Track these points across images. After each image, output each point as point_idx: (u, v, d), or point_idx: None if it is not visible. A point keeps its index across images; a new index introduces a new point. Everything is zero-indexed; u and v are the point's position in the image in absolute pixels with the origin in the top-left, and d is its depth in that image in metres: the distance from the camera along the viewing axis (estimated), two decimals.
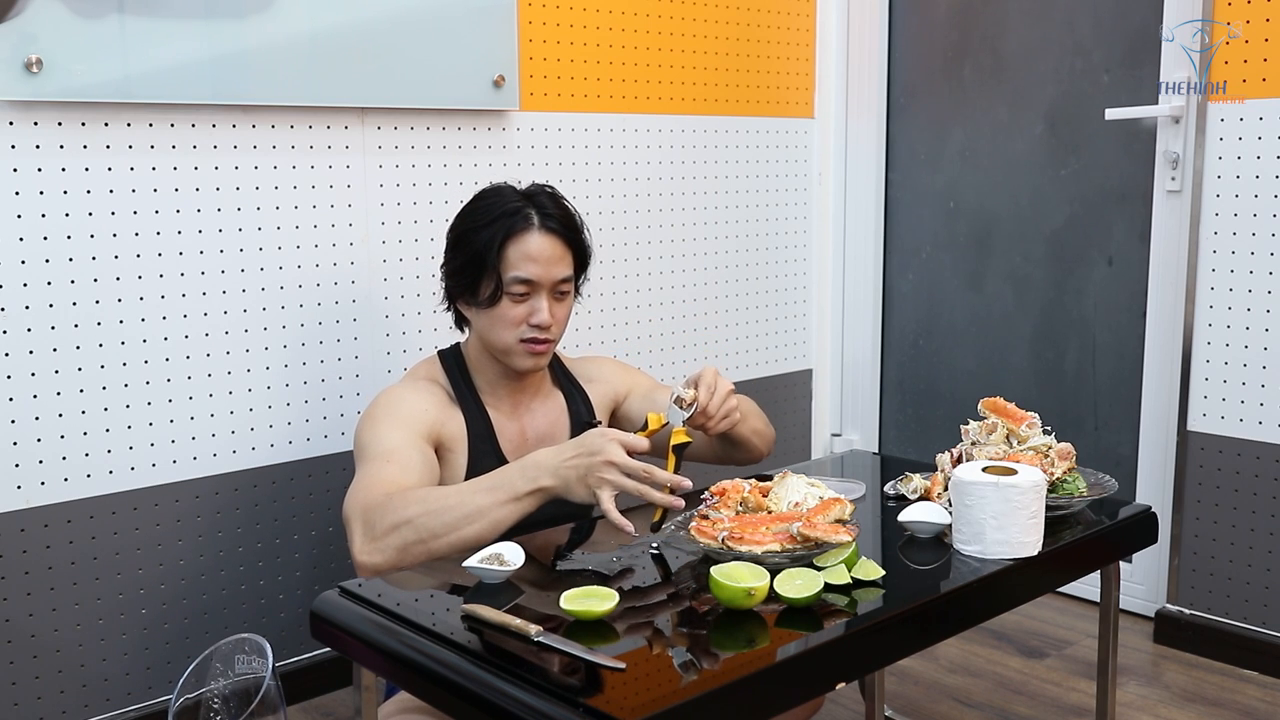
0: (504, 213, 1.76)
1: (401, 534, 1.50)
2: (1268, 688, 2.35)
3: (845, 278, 3.25)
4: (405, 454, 1.66)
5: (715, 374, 1.71)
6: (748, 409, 1.86)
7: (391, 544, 1.51)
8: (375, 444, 1.68)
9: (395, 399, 1.77)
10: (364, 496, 1.58)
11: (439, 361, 1.87)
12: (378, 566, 1.51)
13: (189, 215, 2.09)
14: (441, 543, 1.50)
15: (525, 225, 1.75)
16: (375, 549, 1.52)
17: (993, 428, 1.65)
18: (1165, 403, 2.58)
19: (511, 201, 1.78)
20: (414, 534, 1.50)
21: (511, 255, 1.74)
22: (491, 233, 1.75)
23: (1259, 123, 2.33)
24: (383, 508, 1.54)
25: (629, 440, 1.50)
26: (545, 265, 1.76)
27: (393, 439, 1.68)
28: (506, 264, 1.74)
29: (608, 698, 1.10)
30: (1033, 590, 1.54)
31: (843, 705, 2.29)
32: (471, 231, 1.77)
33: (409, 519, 1.51)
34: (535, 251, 1.75)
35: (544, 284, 1.76)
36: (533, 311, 1.75)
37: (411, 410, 1.75)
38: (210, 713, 1.55)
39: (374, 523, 1.53)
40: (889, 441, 3.27)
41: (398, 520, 1.51)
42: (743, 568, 1.30)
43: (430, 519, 1.50)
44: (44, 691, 2.01)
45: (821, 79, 3.14)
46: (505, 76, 2.41)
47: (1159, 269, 2.59)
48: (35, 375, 1.95)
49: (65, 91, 1.90)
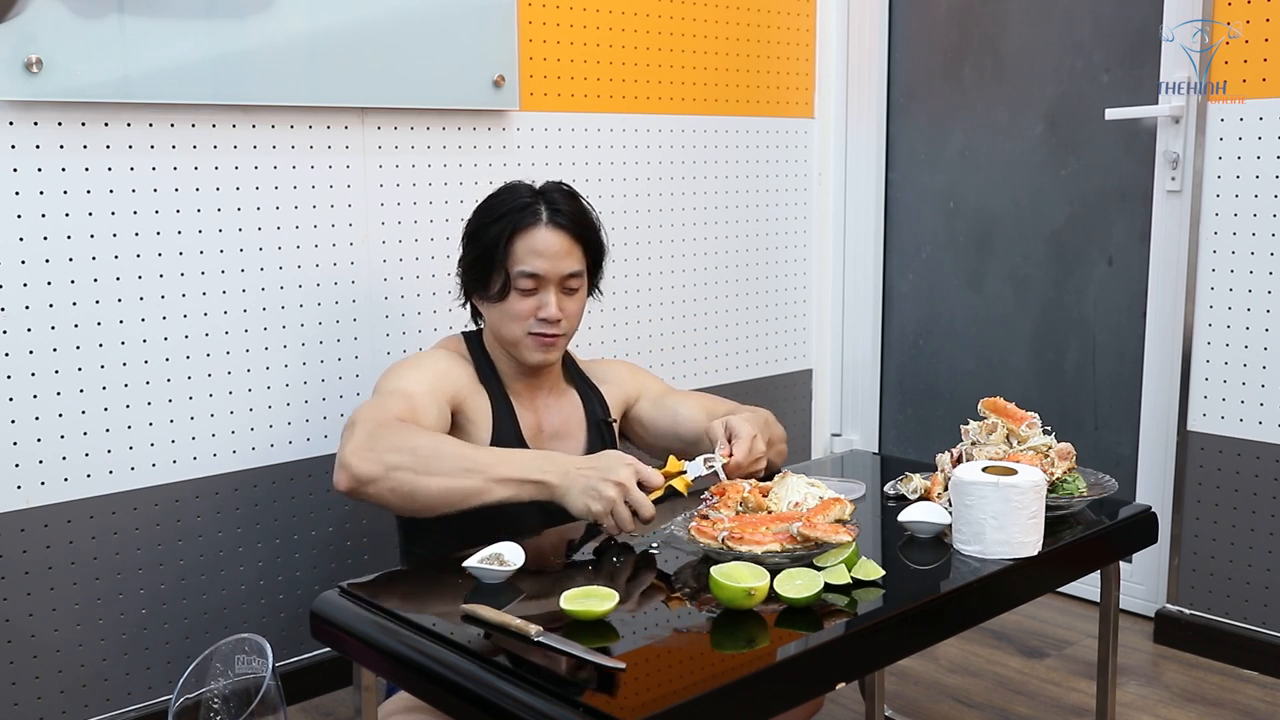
0: (513, 208, 1.79)
1: (399, 455, 1.52)
2: (1268, 688, 2.35)
3: (845, 278, 3.25)
4: (422, 400, 1.69)
5: (754, 438, 1.69)
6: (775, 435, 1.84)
7: (386, 460, 1.52)
8: (395, 383, 1.71)
9: (425, 356, 1.82)
10: (378, 414, 1.60)
11: (465, 342, 1.89)
12: (360, 472, 1.52)
13: (189, 215, 2.09)
14: (429, 482, 1.51)
15: (533, 220, 1.78)
16: (369, 457, 1.52)
17: (993, 428, 1.65)
18: (1165, 403, 2.58)
19: (522, 198, 1.81)
20: (409, 459, 1.52)
21: (518, 250, 1.77)
22: (500, 228, 1.78)
23: (1259, 123, 2.33)
24: (393, 428, 1.56)
25: (646, 475, 1.49)
26: (552, 260, 1.78)
27: (414, 385, 1.71)
28: (513, 259, 1.77)
29: (608, 698, 1.10)
30: (1033, 590, 1.54)
31: (843, 705, 2.29)
32: (483, 227, 1.81)
33: (413, 446, 1.53)
34: (542, 246, 1.77)
35: (551, 278, 1.78)
36: (540, 306, 1.78)
37: (438, 368, 1.78)
38: (210, 713, 1.55)
39: (379, 436, 1.55)
40: (889, 441, 3.27)
41: (401, 443, 1.53)
42: (743, 568, 1.30)
43: (430, 455, 1.52)
44: (44, 691, 2.01)
45: (821, 79, 3.14)
46: (505, 76, 2.41)
47: (1159, 269, 2.59)
48: (35, 375, 1.95)
49: (65, 91, 1.90)
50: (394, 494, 1.52)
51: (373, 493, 1.53)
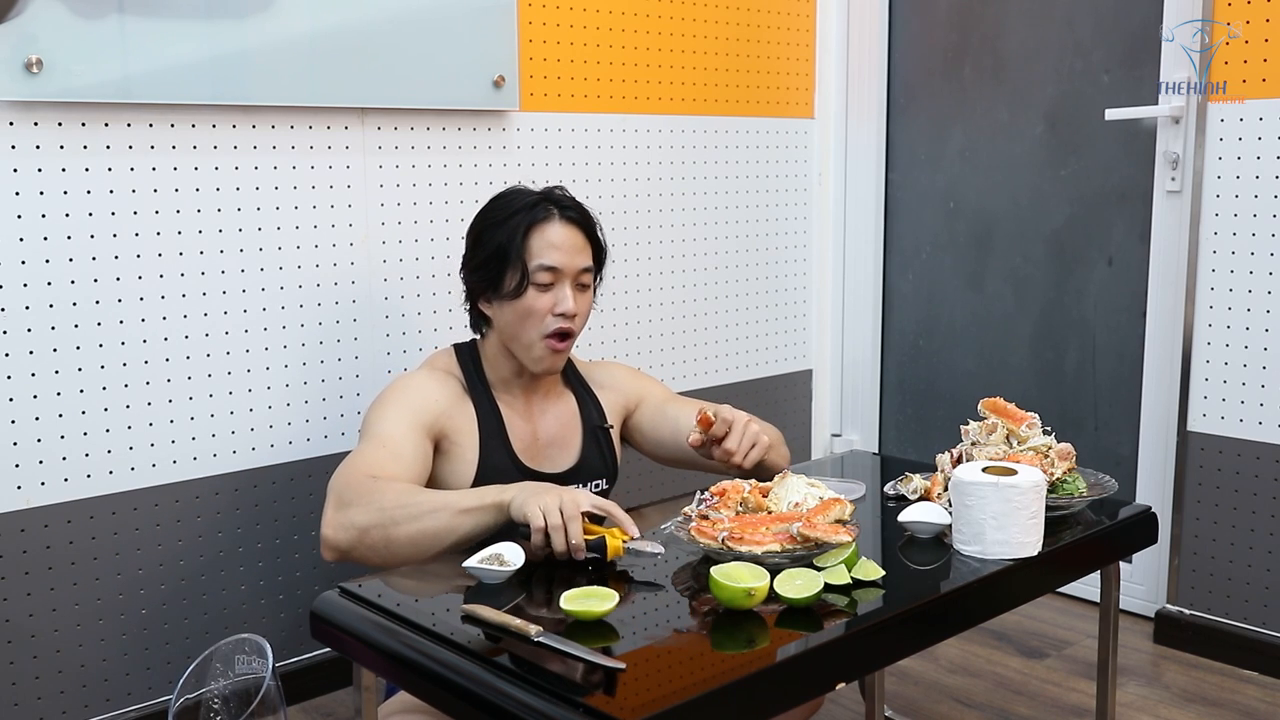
0: (524, 205, 1.80)
1: (367, 515, 1.52)
2: (1268, 688, 2.35)
3: (845, 278, 3.25)
4: (400, 443, 1.69)
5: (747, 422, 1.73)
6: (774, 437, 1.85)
7: (356, 524, 1.53)
8: (376, 425, 1.72)
9: (408, 385, 1.80)
10: (348, 473, 1.61)
11: (454, 355, 1.88)
12: (337, 543, 1.54)
13: (189, 215, 2.09)
14: (400, 531, 1.50)
15: (547, 215, 1.79)
16: (341, 526, 1.54)
17: (993, 428, 1.65)
18: (1165, 403, 2.58)
19: (531, 196, 1.82)
20: (378, 517, 1.52)
21: (535, 244, 1.77)
22: (514, 224, 1.78)
23: (1259, 123, 2.33)
24: (360, 490, 1.57)
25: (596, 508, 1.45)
26: (569, 253, 1.78)
27: (393, 425, 1.71)
28: (531, 252, 1.77)
29: (608, 698, 1.10)
30: (1033, 590, 1.54)
31: (843, 705, 2.29)
32: (493, 226, 1.80)
33: (380, 505, 1.53)
34: (559, 240, 1.78)
35: (568, 272, 1.78)
36: (558, 300, 1.77)
37: (422, 399, 1.77)
38: (210, 713, 1.54)
39: (346, 502, 1.56)
40: (889, 442, 3.27)
41: (368, 504, 1.54)
42: (743, 568, 1.30)
43: (395, 507, 1.52)
44: (44, 691, 2.01)
45: (821, 79, 3.14)
46: (505, 77, 2.41)
47: (1159, 269, 2.59)
48: (35, 375, 1.95)
49: (65, 92, 1.90)
50: (374, 552, 1.53)
51: (356, 557, 1.55)
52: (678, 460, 1.92)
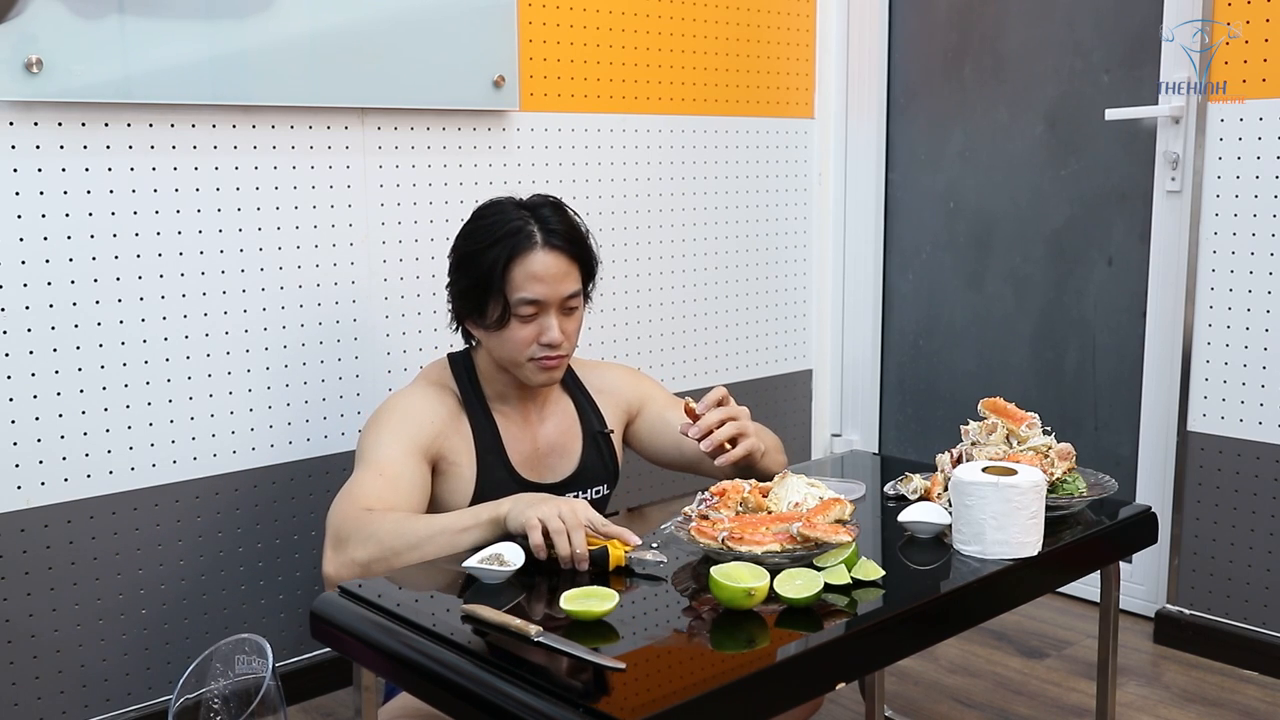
0: (506, 232, 1.71)
1: (367, 549, 1.51)
2: (1268, 688, 2.35)
3: (845, 278, 3.25)
4: (397, 470, 1.65)
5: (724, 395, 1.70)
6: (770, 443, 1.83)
7: (357, 559, 1.51)
8: (372, 451, 1.68)
9: (404, 405, 1.76)
10: (344, 507, 1.59)
11: (449, 367, 1.84)
12: (341, 581, 1.50)
13: (189, 216, 2.09)
14: (403, 560, 1.49)
15: (529, 245, 1.70)
16: (342, 563, 1.52)
17: (993, 428, 1.65)
18: (1165, 403, 2.58)
19: (513, 219, 1.72)
20: (377, 550, 1.50)
21: (517, 277, 1.69)
22: (495, 254, 1.70)
23: (1259, 123, 2.33)
24: (356, 523, 1.54)
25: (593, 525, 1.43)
26: (552, 284, 1.71)
27: (390, 450, 1.67)
28: (512, 286, 1.69)
29: (608, 698, 1.10)
30: (1033, 590, 1.54)
31: (843, 705, 2.29)
32: (475, 253, 1.72)
33: (378, 537, 1.51)
34: (541, 271, 1.70)
35: (552, 302, 1.71)
36: (542, 331, 1.71)
37: (418, 421, 1.73)
38: (210, 713, 1.54)
39: (344, 537, 1.54)
40: (889, 442, 3.27)
41: (366, 537, 1.52)
42: (743, 568, 1.30)
43: (393, 537, 1.50)
44: (44, 691, 2.01)
45: (821, 79, 3.14)
46: (505, 77, 2.41)
47: (1159, 269, 2.59)
48: (35, 375, 1.95)
49: (65, 92, 1.90)
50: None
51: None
52: (680, 466, 1.91)
